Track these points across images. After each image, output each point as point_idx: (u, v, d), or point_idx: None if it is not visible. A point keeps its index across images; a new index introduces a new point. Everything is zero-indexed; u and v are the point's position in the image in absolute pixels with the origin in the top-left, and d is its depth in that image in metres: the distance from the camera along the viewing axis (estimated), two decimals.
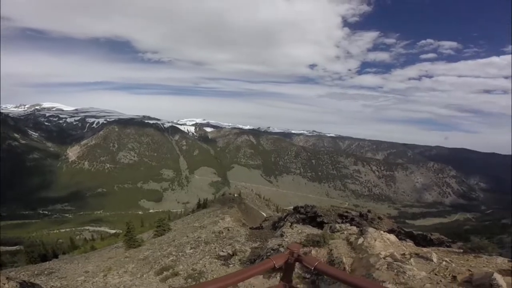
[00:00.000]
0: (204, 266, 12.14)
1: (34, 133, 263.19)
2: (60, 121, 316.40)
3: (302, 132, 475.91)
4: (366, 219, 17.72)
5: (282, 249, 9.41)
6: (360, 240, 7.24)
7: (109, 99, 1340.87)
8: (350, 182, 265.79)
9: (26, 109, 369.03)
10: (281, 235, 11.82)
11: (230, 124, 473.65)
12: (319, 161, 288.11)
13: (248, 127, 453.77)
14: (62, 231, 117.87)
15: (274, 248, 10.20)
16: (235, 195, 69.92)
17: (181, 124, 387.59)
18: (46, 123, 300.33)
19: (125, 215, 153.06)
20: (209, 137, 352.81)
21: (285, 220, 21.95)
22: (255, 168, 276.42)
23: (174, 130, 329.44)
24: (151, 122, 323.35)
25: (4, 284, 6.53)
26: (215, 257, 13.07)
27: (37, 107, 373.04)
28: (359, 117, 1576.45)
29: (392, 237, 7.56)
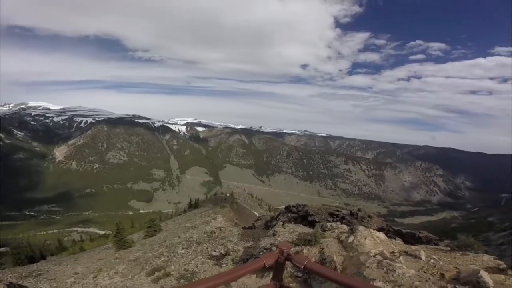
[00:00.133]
0: (197, 266, 12.11)
1: (20, 133, 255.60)
2: (47, 120, 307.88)
3: (294, 131, 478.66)
4: (356, 218, 18.00)
5: (274, 248, 9.46)
6: (350, 239, 7.39)
7: (98, 98, 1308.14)
8: (341, 181, 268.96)
9: (11, 107, 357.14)
10: (274, 234, 11.92)
11: (222, 124, 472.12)
12: (310, 161, 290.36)
13: (240, 127, 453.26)
14: (50, 232, 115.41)
15: (266, 247, 10.29)
16: (227, 195, 69.79)
17: (172, 124, 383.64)
18: (32, 122, 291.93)
19: (114, 215, 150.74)
20: (201, 136, 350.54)
21: (277, 219, 22.08)
22: (247, 167, 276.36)
23: (164, 129, 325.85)
24: (141, 121, 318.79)
25: None
26: (208, 257, 13.05)
27: (22, 106, 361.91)
28: (350, 117, 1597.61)
29: (382, 235, 7.74)
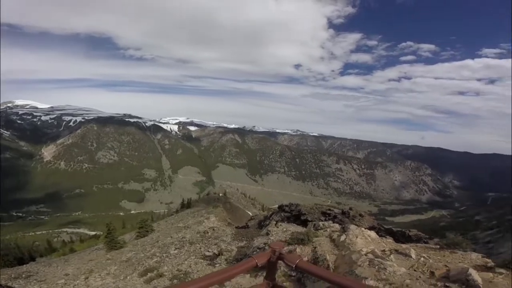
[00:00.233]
0: (190, 267, 12.07)
1: (6, 132, 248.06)
2: (34, 119, 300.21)
3: (287, 131, 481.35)
4: (348, 217, 18.25)
5: (268, 248, 9.58)
6: (342, 237, 7.52)
7: (88, 97, 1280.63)
8: (333, 180, 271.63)
9: None
10: (267, 234, 12.02)
11: (214, 123, 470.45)
12: (303, 160, 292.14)
13: (233, 126, 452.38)
14: (38, 233, 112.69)
15: (260, 246, 10.36)
16: (220, 195, 69.72)
17: (164, 123, 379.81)
18: (19, 121, 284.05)
19: (105, 216, 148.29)
20: (193, 136, 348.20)
21: (270, 218, 22.19)
22: (240, 167, 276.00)
23: (156, 128, 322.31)
24: (132, 120, 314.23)
25: None
26: (201, 257, 13.03)
27: (9, 105, 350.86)
28: (341, 117, 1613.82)
29: (373, 233, 7.91)
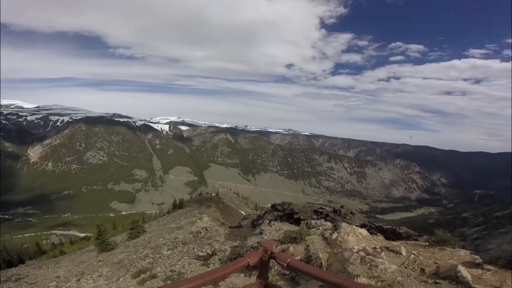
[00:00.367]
0: (183, 267, 12.04)
1: None
2: (20, 119, 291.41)
3: (279, 130, 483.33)
4: (339, 215, 18.54)
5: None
6: (334, 235, 7.66)
7: (76, 96, 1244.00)
8: (324, 179, 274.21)
9: None
10: (260, 233, 12.11)
11: (206, 123, 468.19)
12: (295, 159, 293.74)
13: (225, 126, 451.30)
14: (27, 235, 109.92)
15: (254, 246, 10.44)
16: (213, 195, 69.42)
17: (155, 123, 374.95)
18: (4, 121, 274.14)
19: (95, 218, 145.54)
20: (185, 135, 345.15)
21: (263, 218, 22.31)
22: (233, 166, 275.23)
23: (146, 128, 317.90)
24: (121, 120, 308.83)
25: None
26: (194, 257, 13.01)
27: None
28: (332, 116, 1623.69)
29: (364, 231, 8.10)
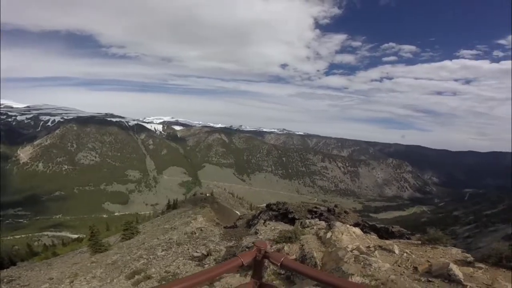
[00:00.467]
0: (178, 268, 11.99)
1: None
2: (9, 119, 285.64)
3: (273, 130, 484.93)
4: (333, 214, 18.71)
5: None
6: (328, 234, 7.75)
7: (67, 96, 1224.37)
8: (318, 178, 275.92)
9: None
10: (256, 233, 12.16)
11: (200, 123, 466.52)
12: (289, 159, 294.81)
13: (219, 126, 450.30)
14: (18, 237, 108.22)
15: (249, 246, 10.47)
16: (207, 195, 69.27)
17: (148, 122, 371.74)
18: None
19: (88, 219, 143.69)
20: (178, 135, 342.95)
21: (258, 217, 22.37)
22: (228, 166, 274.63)
23: (140, 128, 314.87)
24: (114, 120, 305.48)
25: None
26: (189, 258, 12.97)
27: None
28: (326, 116, 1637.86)
29: (358, 230, 8.21)
